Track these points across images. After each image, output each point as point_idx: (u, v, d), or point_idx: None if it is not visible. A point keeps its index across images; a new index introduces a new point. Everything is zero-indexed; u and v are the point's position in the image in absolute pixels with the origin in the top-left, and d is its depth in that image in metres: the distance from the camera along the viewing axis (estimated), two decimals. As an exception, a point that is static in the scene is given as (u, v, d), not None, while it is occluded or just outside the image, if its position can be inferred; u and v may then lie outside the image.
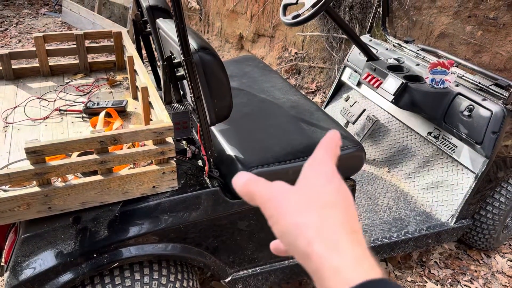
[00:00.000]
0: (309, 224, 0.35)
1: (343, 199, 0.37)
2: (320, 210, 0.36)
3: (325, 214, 0.36)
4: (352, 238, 0.35)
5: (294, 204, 0.37)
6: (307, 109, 1.78)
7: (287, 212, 0.36)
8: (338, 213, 0.36)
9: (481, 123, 1.77)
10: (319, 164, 0.40)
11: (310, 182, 0.39)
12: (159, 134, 1.30)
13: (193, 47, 1.31)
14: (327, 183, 0.38)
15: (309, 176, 0.39)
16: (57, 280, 1.30)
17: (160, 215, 1.37)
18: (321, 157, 0.41)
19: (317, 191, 0.37)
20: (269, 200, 0.38)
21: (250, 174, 0.41)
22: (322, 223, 0.35)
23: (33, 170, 1.21)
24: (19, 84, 1.89)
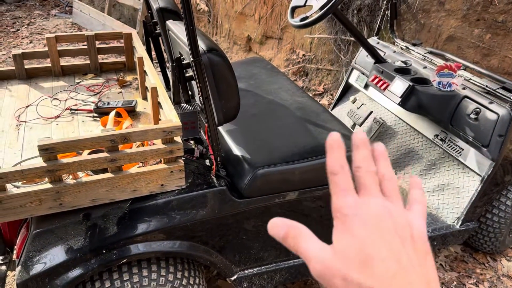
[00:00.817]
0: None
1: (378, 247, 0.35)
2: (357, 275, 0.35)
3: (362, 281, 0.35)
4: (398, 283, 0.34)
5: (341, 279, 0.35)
6: (314, 110, 1.80)
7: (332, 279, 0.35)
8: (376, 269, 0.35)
9: (487, 126, 1.78)
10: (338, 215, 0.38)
11: (339, 243, 0.37)
12: (167, 133, 1.33)
13: (202, 48, 1.34)
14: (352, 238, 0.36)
15: (336, 234, 0.37)
16: (67, 275, 1.33)
17: (168, 213, 1.40)
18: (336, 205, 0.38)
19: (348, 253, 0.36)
20: (322, 278, 0.36)
21: (288, 226, 0.38)
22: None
23: (45, 167, 1.24)
24: (32, 84, 1.93)
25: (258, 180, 1.45)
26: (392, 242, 0.36)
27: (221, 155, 1.46)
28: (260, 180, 1.45)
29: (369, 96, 2.40)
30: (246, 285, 1.59)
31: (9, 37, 4.67)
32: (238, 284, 1.58)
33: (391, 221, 0.37)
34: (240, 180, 1.47)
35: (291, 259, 1.64)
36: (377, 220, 0.36)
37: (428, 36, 3.10)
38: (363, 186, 0.39)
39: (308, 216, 1.58)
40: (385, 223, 0.36)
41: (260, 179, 1.45)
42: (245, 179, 1.45)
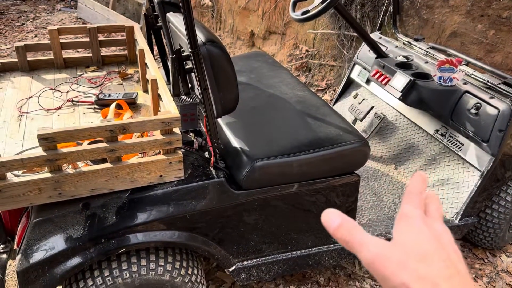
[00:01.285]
0: (410, 280, 0.36)
1: (435, 247, 0.38)
2: (416, 263, 0.37)
3: (421, 267, 0.37)
4: (452, 282, 0.36)
5: (394, 263, 0.37)
6: (314, 104, 1.80)
7: (389, 274, 0.37)
8: (432, 262, 0.37)
9: (488, 121, 1.78)
10: (404, 218, 0.42)
11: (401, 237, 0.40)
12: (166, 124, 1.34)
13: (200, 39, 1.35)
14: (415, 235, 0.39)
15: (399, 232, 0.40)
16: (66, 263, 1.34)
17: (167, 204, 1.41)
18: (406, 211, 0.42)
19: (409, 245, 0.39)
20: (373, 263, 0.38)
21: (342, 218, 0.41)
22: (422, 277, 0.36)
23: (45, 157, 1.26)
24: (34, 76, 1.95)
25: (257, 172, 1.46)
26: (450, 253, 0.39)
27: (220, 147, 1.47)
28: (259, 172, 1.46)
29: (370, 91, 2.40)
30: (244, 276, 1.61)
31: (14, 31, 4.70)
32: (236, 275, 1.59)
33: (449, 242, 0.40)
34: (239, 172, 1.48)
35: (289, 251, 1.64)
36: (437, 235, 0.40)
37: (432, 32, 3.09)
38: (429, 214, 0.44)
39: (306, 209, 1.59)
40: (445, 239, 0.40)
41: (259, 171, 1.46)
42: (243, 171, 1.46)
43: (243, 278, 1.60)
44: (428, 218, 0.42)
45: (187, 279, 1.48)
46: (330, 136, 1.59)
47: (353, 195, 1.64)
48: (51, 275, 1.34)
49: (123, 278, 1.40)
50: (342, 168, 1.59)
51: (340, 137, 1.59)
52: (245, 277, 1.61)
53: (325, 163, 1.54)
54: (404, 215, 0.41)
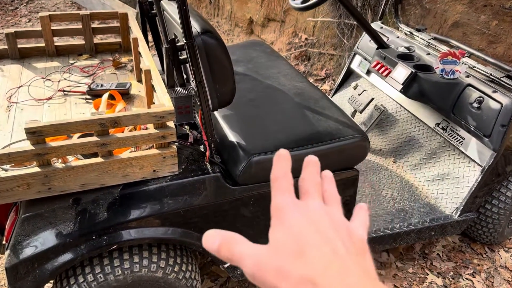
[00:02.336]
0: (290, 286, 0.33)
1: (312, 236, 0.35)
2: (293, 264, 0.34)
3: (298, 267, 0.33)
4: (329, 275, 0.32)
5: (272, 272, 0.34)
6: (313, 96, 1.76)
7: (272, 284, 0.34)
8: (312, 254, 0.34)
9: (490, 115, 1.73)
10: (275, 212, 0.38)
11: (273, 236, 0.36)
12: (159, 118, 1.29)
13: (196, 30, 1.29)
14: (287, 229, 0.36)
15: (272, 230, 0.37)
16: (56, 260, 1.31)
17: (160, 199, 1.37)
18: (274, 203, 0.39)
19: (282, 243, 0.35)
20: (253, 277, 0.35)
21: (220, 236, 0.37)
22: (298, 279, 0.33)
23: (33, 151, 1.21)
24: (24, 64, 1.89)
25: (253, 167, 1.42)
26: (328, 233, 0.35)
27: (216, 141, 1.43)
28: (255, 168, 1.42)
29: (370, 83, 2.35)
30: (239, 272, 1.58)
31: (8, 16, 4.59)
32: (231, 271, 1.56)
33: (327, 218, 0.37)
34: (235, 167, 1.43)
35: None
36: (313, 214, 0.36)
37: (433, 22, 3.02)
38: (305, 191, 0.40)
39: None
40: (322, 218, 0.36)
41: (255, 166, 1.42)
42: (239, 166, 1.42)
43: (238, 274, 1.57)
44: (303, 201, 0.38)
45: (181, 275, 1.45)
46: (329, 130, 1.55)
47: (352, 190, 1.60)
48: (41, 271, 1.31)
49: (115, 275, 1.36)
50: (341, 163, 1.55)
51: (339, 131, 1.55)
52: (240, 273, 1.58)
53: (324, 158, 1.50)
54: (274, 210, 0.37)
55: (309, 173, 0.41)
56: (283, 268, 0.33)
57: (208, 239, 0.37)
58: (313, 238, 0.34)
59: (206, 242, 0.38)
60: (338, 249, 0.34)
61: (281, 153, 0.41)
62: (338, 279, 0.32)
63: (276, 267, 0.33)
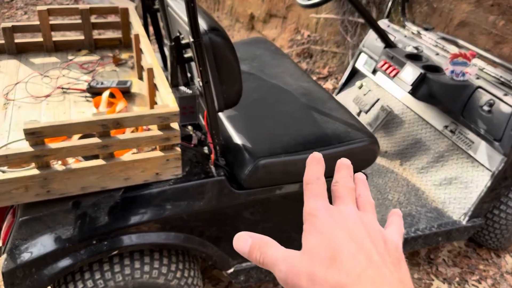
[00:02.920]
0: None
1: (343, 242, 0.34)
2: (326, 272, 0.33)
3: (331, 275, 0.33)
4: (362, 283, 0.32)
5: (305, 280, 0.33)
6: (320, 97, 1.71)
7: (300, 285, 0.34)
8: (342, 263, 0.33)
9: (501, 119, 1.69)
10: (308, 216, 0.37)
11: (307, 243, 0.36)
12: (164, 119, 1.24)
13: (203, 28, 1.24)
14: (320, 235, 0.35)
15: (305, 235, 0.37)
16: (55, 265, 1.26)
17: (163, 203, 1.32)
18: (307, 207, 0.38)
19: (315, 250, 0.35)
20: (286, 283, 0.34)
21: (252, 238, 0.38)
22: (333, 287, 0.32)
23: (32, 152, 1.16)
24: (22, 59, 1.82)
25: (260, 171, 1.37)
26: (363, 241, 0.34)
27: (221, 143, 1.38)
28: (262, 171, 1.37)
29: (376, 83, 2.30)
30: (243, 279, 1.53)
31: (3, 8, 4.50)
32: (234, 277, 1.52)
33: (362, 224, 0.36)
34: (241, 171, 1.38)
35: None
36: (348, 223, 0.35)
37: (439, 20, 2.97)
38: (338, 197, 0.39)
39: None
40: (356, 225, 0.35)
41: (262, 170, 1.37)
42: (245, 169, 1.37)
43: (241, 280, 1.53)
44: (336, 206, 0.37)
45: (183, 282, 1.41)
46: (338, 133, 1.50)
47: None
48: (39, 276, 1.26)
49: (116, 281, 1.32)
50: (349, 167, 1.50)
51: (348, 134, 1.50)
52: (244, 279, 1.53)
53: (332, 162, 1.44)
54: (307, 215, 0.37)
55: (342, 177, 0.40)
56: (316, 274, 0.32)
57: (240, 241, 0.38)
58: (347, 245, 0.33)
59: (238, 243, 0.38)
60: (373, 257, 0.33)
61: (314, 156, 0.41)
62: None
63: (309, 273, 0.33)
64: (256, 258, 0.37)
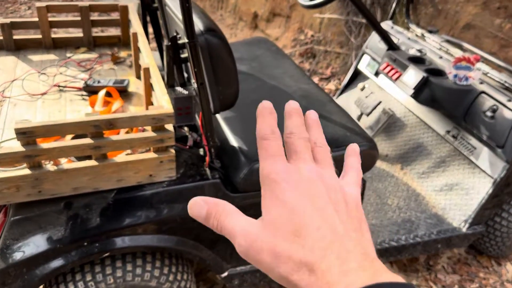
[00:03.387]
0: (286, 272, 0.31)
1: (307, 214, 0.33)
2: (289, 248, 0.32)
3: (294, 251, 0.32)
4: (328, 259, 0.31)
5: (269, 254, 0.32)
6: (319, 100, 1.68)
7: (265, 269, 0.33)
8: (309, 235, 0.32)
9: (504, 125, 1.66)
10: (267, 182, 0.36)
11: (268, 214, 0.35)
12: (158, 120, 1.21)
13: (199, 28, 1.21)
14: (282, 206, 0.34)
15: (265, 204, 0.36)
16: (46, 265, 1.24)
17: (156, 206, 1.30)
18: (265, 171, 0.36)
19: (278, 224, 0.33)
20: (247, 256, 0.34)
21: (206, 203, 0.35)
22: (297, 265, 0.31)
23: (23, 152, 1.14)
24: (20, 56, 1.81)
25: (255, 174, 1.34)
26: (326, 209, 0.33)
27: (216, 146, 1.36)
28: (257, 175, 1.34)
29: (379, 85, 2.27)
30: (237, 283, 1.51)
31: (7, 2, 4.50)
32: (228, 281, 1.50)
33: (323, 186, 0.34)
34: (236, 173, 1.36)
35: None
36: (308, 185, 0.34)
37: (445, 23, 2.93)
38: (294, 152, 0.37)
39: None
40: (317, 189, 0.34)
41: (257, 173, 1.34)
42: (241, 172, 1.35)
43: (236, 284, 1.50)
44: (295, 166, 0.35)
45: (176, 285, 1.39)
46: (336, 137, 1.47)
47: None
48: (30, 276, 1.24)
49: (107, 283, 1.30)
50: (347, 172, 1.48)
51: (346, 138, 1.47)
52: (238, 283, 1.51)
53: (329, 167, 1.43)
54: (265, 179, 0.35)
55: (296, 126, 0.38)
56: (279, 250, 0.31)
57: (195, 208, 0.36)
58: (311, 216, 0.32)
59: (192, 210, 0.36)
60: (337, 228, 0.32)
61: (265, 105, 0.38)
62: (338, 265, 0.30)
63: (272, 249, 0.31)
64: (214, 226, 0.35)
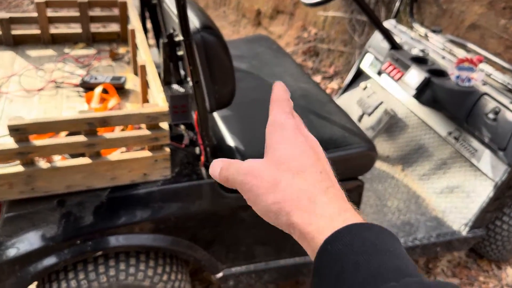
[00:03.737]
0: (284, 198, 0.35)
1: (312, 159, 0.38)
2: (292, 179, 0.36)
3: (297, 182, 0.36)
4: (328, 195, 0.36)
5: (267, 182, 0.36)
6: (318, 99, 1.66)
7: (262, 193, 0.36)
8: (309, 175, 0.36)
9: (506, 128, 1.63)
10: (279, 128, 0.39)
11: (276, 151, 0.38)
12: (152, 118, 1.20)
13: (195, 26, 1.19)
14: (291, 148, 0.38)
15: (273, 144, 0.38)
16: (39, 263, 1.24)
17: (150, 205, 1.29)
18: (278, 119, 0.40)
19: (285, 160, 0.37)
20: (242, 183, 0.38)
21: (222, 161, 0.40)
22: (296, 193, 0.35)
23: (16, 149, 1.13)
24: (18, 51, 1.80)
25: (251, 174, 1.32)
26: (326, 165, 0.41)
27: (212, 145, 1.34)
28: (253, 175, 1.33)
29: (381, 85, 2.24)
30: (232, 283, 1.49)
31: (12, -3, 4.49)
32: (223, 282, 1.48)
33: (322, 151, 0.42)
34: (231, 173, 1.34)
35: (282, 258, 1.53)
36: (315, 146, 0.41)
37: (450, 22, 2.89)
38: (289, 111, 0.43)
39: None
40: (320, 150, 0.42)
41: (253, 173, 1.33)
42: (236, 172, 1.33)
43: (231, 285, 1.49)
44: (300, 128, 0.41)
45: (170, 285, 1.37)
46: (334, 138, 1.45)
47: (355, 202, 1.50)
48: (22, 274, 1.23)
49: (100, 282, 1.29)
50: (345, 173, 1.46)
51: (345, 139, 1.45)
52: (233, 284, 1.49)
53: (327, 168, 1.40)
54: (277, 123, 0.39)
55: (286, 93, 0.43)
56: (281, 178, 0.36)
57: (213, 167, 0.41)
58: (315, 162, 0.38)
59: (211, 170, 0.41)
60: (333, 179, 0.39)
61: (280, 82, 0.44)
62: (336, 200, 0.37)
63: (274, 177, 0.36)
64: (223, 178, 0.40)
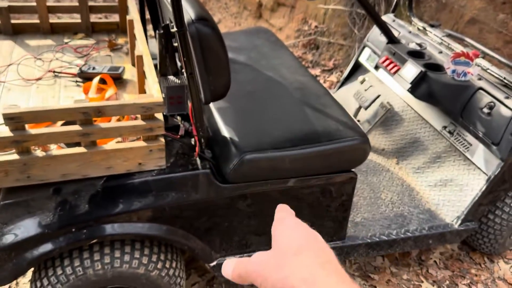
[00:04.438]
0: (288, 275, 0.39)
1: (311, 241, 0.43)
2: (294, 258, 0.40)
3: (298, 260, 0.40)
4: (327, 269, 0.40)
5: (273, 265, 0.41)
6: (314, 92, 1.67)
7: (269, 275, 0.40)
8: (309, 253, 0.41)
9: (500, 122, 1.64)
10: (281, 221, 0.46)
11: (281, 240, 0.43)
12: (147, 109, 1.21)
13: (190, 16, 1.20)
14: (293, 233, 0.43)
15: (276, 236, 0.44)
16: (34, 250, 1.26)
17: (145, 194, 1.31)
18: (281, 216, 0.47)
19: (288, 244, 0.42)
20: (254, 272, 0.42)
21: (232, 262, 0.44)
22: (298, 268, 0.39)
23: (11, 138, 1.15)
24: (17, 40, 1.81)
25: (245, 165, 1.34)
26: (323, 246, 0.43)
27: (206, 136, 1.35)
28: (247, 166, 1.35)
29: (378, 78, 2.25)
30: (226, 272, 1.52)
31: (13, -14, 4.49)
32: (217, 270, 1.50)
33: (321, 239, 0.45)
34: (226, 164, 1.36)
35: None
36: (312, 232, 0.45)
37: (449, 17, 2.89)
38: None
39: (296, 205, 1.48)
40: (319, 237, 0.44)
41: (247, 164, 1.34)
42: (230, 163, 1.35)
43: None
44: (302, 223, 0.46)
45: (164, 272, 1.40)
46: (328, 130, 1.46)
47: (348, 194, 1.52)
48: (18, 261, 1.26)
49: (95, 269, 1.31)
50: (339, 166, 1.47)
51: (338, 132, 1.46)
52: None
53: (320, 160, 1.42)
54: (279, 220, 0.46)
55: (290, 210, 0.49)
56: (284, 260, 0.41)
57: (224, 269, 0.45)
58: (311, 243, 0.43)
59: (223, 272, 0.45)
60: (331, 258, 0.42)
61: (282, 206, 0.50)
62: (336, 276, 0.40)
63: (278, 261, 0.41)
64: (237, 279, 0.44)
